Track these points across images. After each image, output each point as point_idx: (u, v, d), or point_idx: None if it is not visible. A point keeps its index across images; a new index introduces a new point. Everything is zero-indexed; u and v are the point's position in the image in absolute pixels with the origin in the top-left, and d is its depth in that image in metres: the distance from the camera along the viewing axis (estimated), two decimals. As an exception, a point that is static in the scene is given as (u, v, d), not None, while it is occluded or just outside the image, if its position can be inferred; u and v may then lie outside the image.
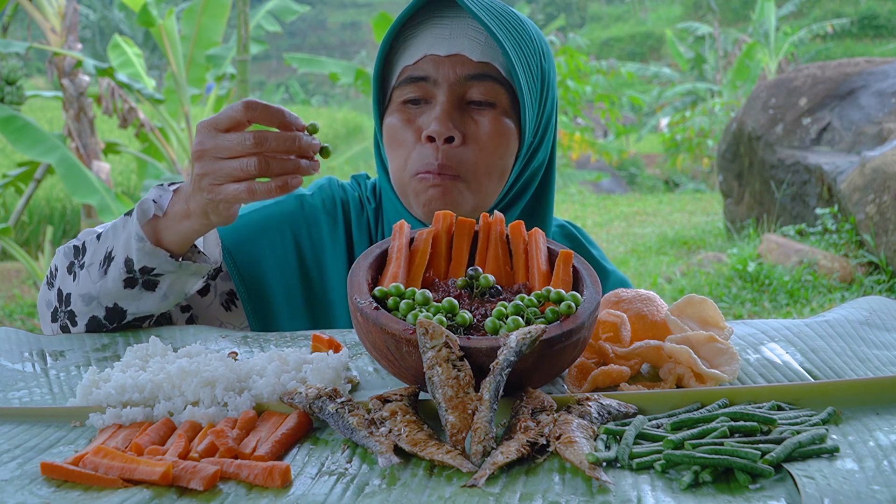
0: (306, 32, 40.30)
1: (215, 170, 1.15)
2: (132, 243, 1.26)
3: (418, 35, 1.36)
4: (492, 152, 1.36)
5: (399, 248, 1.11)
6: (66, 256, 1.35)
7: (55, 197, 10.58)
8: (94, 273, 1.30)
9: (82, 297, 1.32)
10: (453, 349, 0.94)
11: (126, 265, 1.27)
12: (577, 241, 1.56)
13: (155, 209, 1.26)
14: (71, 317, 1.34)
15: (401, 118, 1.37)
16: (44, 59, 8.45)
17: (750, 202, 8.40)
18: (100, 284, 1.30)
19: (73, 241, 1.36)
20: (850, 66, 8.23)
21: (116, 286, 1.29)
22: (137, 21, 6.70)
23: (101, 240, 1.31)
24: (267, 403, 1.02)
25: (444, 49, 1.34)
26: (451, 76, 1.34)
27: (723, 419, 0.90)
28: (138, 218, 1.26)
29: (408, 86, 1.36)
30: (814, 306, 6.13)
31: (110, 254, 1.29)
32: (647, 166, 17.66)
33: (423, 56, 1.35)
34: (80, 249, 1.34)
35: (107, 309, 1.32)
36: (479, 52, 1.34)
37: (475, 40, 1.34)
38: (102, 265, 1.30)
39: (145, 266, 1.27)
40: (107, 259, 1.30)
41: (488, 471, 0.82)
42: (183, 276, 1.31)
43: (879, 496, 0.76)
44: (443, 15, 1.36)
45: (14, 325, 7.47)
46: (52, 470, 0.88)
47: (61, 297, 1.35)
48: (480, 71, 1.34)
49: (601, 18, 37.39)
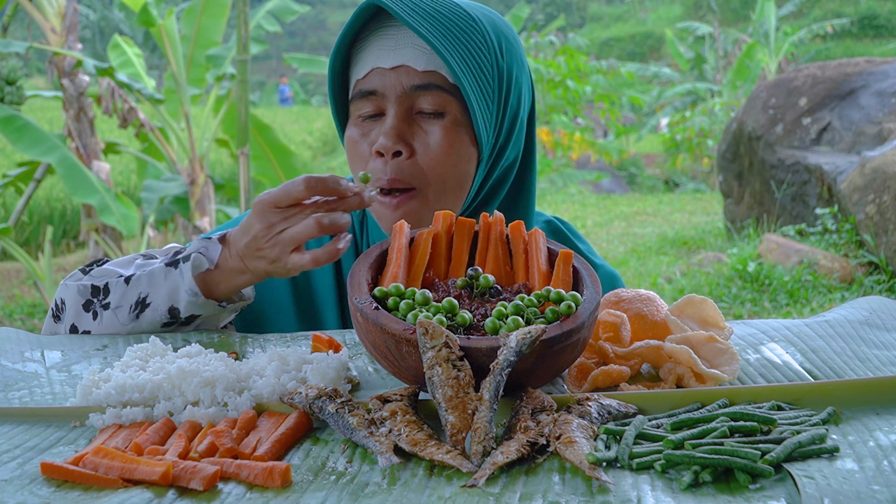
0: (306, 32, 40.29)
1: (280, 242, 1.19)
2: (181, 296, 1.28)
3: (366, 47, 1.35)
4: (444, 162, 1.33)
5: (399, 248, 1.11)
6: (82, 294, 1.34)
7: (55, 197, 10.58)
8: (122, 316, 1.32)
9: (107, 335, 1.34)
10: (453, 349, 0.94)
11: (170, 313, 1.30)
12: (563, 237, 1.55)
13: (207, 263, 1.27)
14: None
15: (357, 132, 1.37)
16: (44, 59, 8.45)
17: (750, 202, 8.40)
18: (131, 326, 1.32)
19: (88, 280, 1.35)
20: (850, 66, 8.23)
21: (152, 328, 1.32)
22: (137, 21, 6.70)
23: (132, 284, 1.32)
24: (267, 403, 1.02)
25: (389, 61, 1.32)
26: (398, 88, 1.32)
27: (723, 419, 0.90)
28: (192, 271, 1.27)
29: (360, 100, 1.35)
30: (814, 306, 6.13)
31: (145, 300, 1.31)
32: (647, 166, 17.66)
33: (371, 69, 1.33)
34: (99, 289, 1.34)
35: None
36: (423, 62, 1.32)
37: (420, 49, 1.32)
38: (134, 310, 1.31)
39: (192, 315, 1.30)
40: (140, 304, 1.31)
41: (488, 471, 0.82)
42: (222, 315, 1.35)
43: (879, 496, 0.76)
44: (388, 25, 1.34)
45: (14, 325, 7.47)
46: (52, 470, 0.88)
47: (76, 333, 1.35)
48: (426, 81, 1.32)
49: (601, 18, 37.39)
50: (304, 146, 17.08)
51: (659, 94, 19.07)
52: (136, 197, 9.65)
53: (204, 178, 6.97)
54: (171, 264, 1.29)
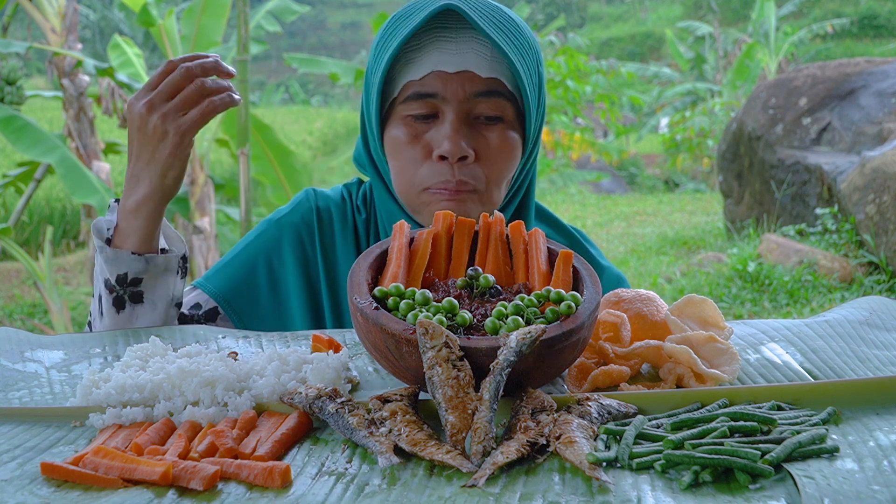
0: (306, 32, 40.30)
1: (169, 108, 1.27)
2: (99, 261, 1.34)
3: (423, 49, 1.34)
4: (502, 166, 1.38)
5: (399, 248, 1.11)
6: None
7: (55, 197, 10.58)
8: (96, 325, 1.38)
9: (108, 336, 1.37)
10: (453, 349, 0.94)
11: (107, 287, 1.34)
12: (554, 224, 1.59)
13: (106, 223, 1.34)
14: None
15: (407, 133, 1.37)
16: (44, 59, 8.44)
17: (750, 202, 8.40)
18: (99, 326, 1.37)
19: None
20: (850, 66, 8.23)
21: (112, 316, 1.35)
22: (137, 21, 6.70)
23: (94, 295, 1.40)
24: (267, 403, 1.02)
25: (451, 66, 1.33)
26: (460, 93, 1.34)
27: (723, 419, 0.90)
28: (96, 235, 1.33)
29: (413, 101, 1.35)
30: (814, 306, 6.13)
31: (98, 297, 1.37)
32: (647, 166, 17.67)
33: (429, 72, 1.33)
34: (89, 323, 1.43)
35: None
36: (486, 68, 1.33)
37: (482, 55, 1.33)
38: (98, 310, 1.37)
39: (118, 275, 1.32)
40: (98, 303, 1.37)
41: (488, 471, 0.82)
42: (159, 276, 1.35)
43: (879, 496, 0.76)
44: (446, 26, 1.34)
45: (14, 325, 7.47)
46: (52, 470, 0.88)
47: None
48: (489, 87, 1.34)
49: (601, 18, 37.39)
50: (304, 146, 17.09)
51: (659, 94, 19.08)
52: (136, 197, 9.63)
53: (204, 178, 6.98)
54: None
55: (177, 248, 1.39)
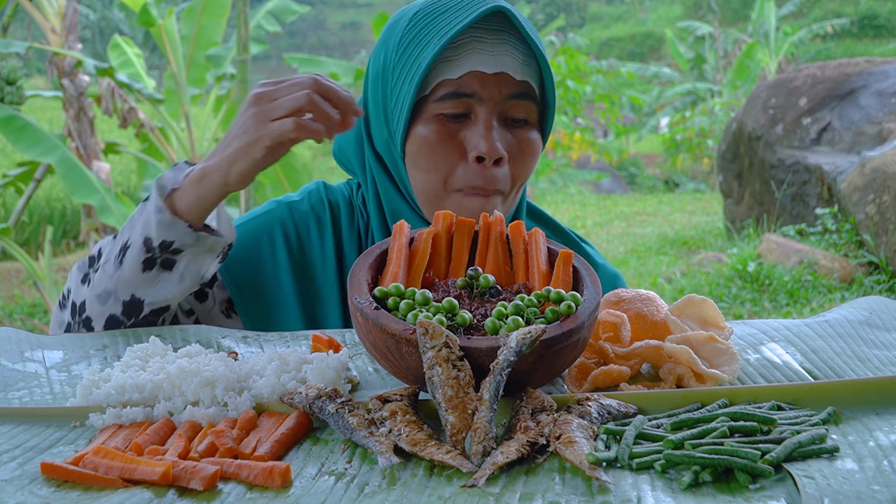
0: (306, 32, 40.30)
1: (269, 108, 1.23)
2: (151, 218, 1.28)
3: (461, 49, 1.34)
4: (528, 168, 1.41)
5: (399, 248, 1.11)
6: (80, 270, 1.38)
7: (55, 197, 10.58)
8: (109, 269, 1.33)
9: (98, 297, 1.33)
10: (453, 349, 0.94)
11: (145, 244, 1.29)
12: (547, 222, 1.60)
13: (171, 183, 1.30)
14: (87, 323, 1.36)
15: (439, 132, 1.36)
16: (44, 59, 8.45)
17: (750, 202, 8.40)
18: (116, 276, 1.32)
19: (91, 252, 1.40)
20: (850, 66, 8.23)
21: (134, 272, 1.31)
22: (137, 21, 6.70)
23: (118, 237, 1.34)
24: (267, 403, 1.02)
25: (489, 67, 1.33)
26: (496, 94, 1.35)
27: (723, 419, 0.90)
28: (158, 192, 1.29)
29: (448, 101, 1.35)
30: (814, 306, 6.13)
31: (126, 244, 1.32)
32: (647, 166, 17.67)
33: (468, 72, 1.34)
34: (95, 258, 1.38)
35: (124, 303, 1.33)
36: (519, 71, 1.35)
37: (516, 59, 1.35)
38: (118, 257, 1.32)
39: (164, 241, 1.29)
40: (122, 249, 1.32)
41: (488, 471, 0.82)
42: (200, 253, 1.32)
43: (879, 496, 0.76)
44: (484, 27, 1.35)
45: (14, 325, 7.47)
46: (52, 470, 0.88)
47: (75, 309, 1.37)
48: (521, 90, 1.36)
49: (601, 18, 37.39)
50: (304, 146, 17.08)
51: (659, 94, 19.08)
52: (136, 197, 9.65)
53: (204, 178, 6.95)
54: (146, 199, 1.33)
55: (226, 233, 1.36)
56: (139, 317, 1.34)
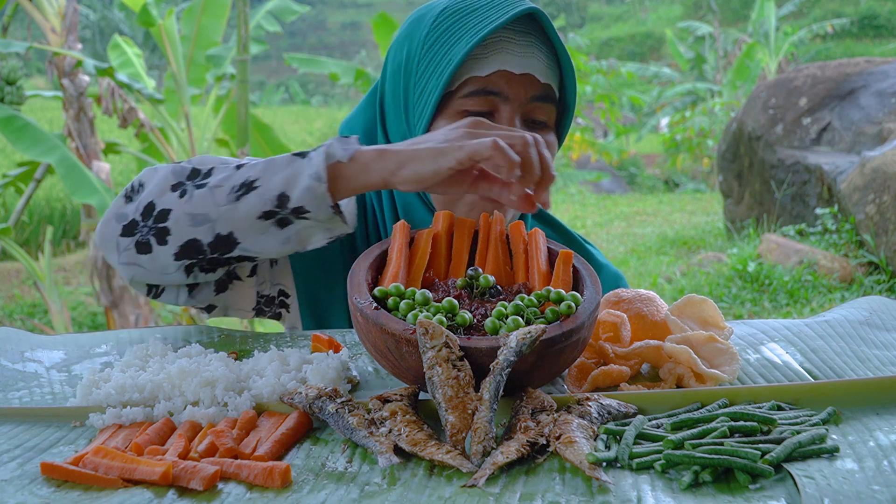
0: (306, 32, 40.32)
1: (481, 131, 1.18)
2: (301, 181, 1.21)
3: (490, 47, 1.36)
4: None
5: (399, 248, 1.11)
6: (176, 175, 1.28)
7: (55, 197, 10.58)
8: (220, 196, 1.24)
9: (192, 216, 1.24)
10: (453, 349, 0.94)
11: (279, 199, 1.22)
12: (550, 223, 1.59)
13: (342, 153, 1.22)
14: (161, 234, 1.25)
15: None
16: (44, 59, 8.45)
17: (750, 202, 8.40)
18: (226, 209, 1.23)
19: (186, 163, 1.30)
20: (850, 66, 8.23)
21: (249, 215, 1.23)
22: (137, 21, 6.69)
23: (243, 169, 1.26)
24: (267, 403, 1.02)
25: (517, 67, 1.35)
26: (522, 95, 1.36)
27: (723, 419, 0.90)
28: (325, 160, 1.22)
29: (474, 97, 1.36)
30: (814, 306, 6.13)
31: (252, 183, 1.23)
32: (647, 166, 17.66)
33: (496, 70, 1.35)
34: (199, 171, 1.28)
35: (217, 236, 1.25)
36: (544, 74, 1.37)
37: (542, 62, 1.37)
38: (236, 191, 1.24)
39: (302, 207, 1.22)
40: (245, 187, 1.23)
41: (488, 471, 0.82)
42: (319, 228, 1.27)
43: (879, 496, 0.76)
44: (514, 29, 1.37)
45: (14, 325, 7.47)
46: (52, 470, 0.88)
47: (150, 211, 1.26)
48: (544, 92, 1.38)
49: (601, 18, 37.40)
50: (304, 146, 17.09)
51: (659, 94, 19.08)
52: (136, 197, 9.63)
53: (204, 178, 6.95)
54: (299, 154, 1.25)
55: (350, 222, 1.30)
56: (223, 254, 1.27)
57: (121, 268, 1.29)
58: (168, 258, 1.26)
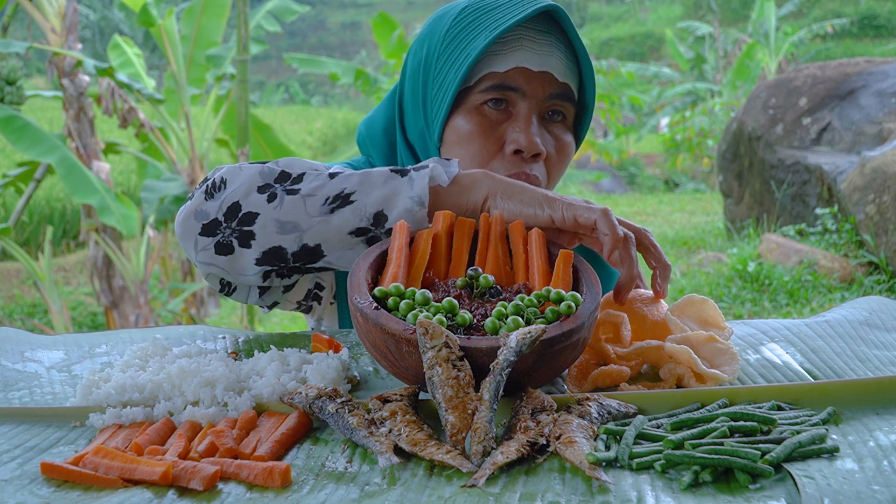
0: (306, 32, 40.33)
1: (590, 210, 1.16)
2: (400, 202, 1.18)
3: (509, 45, 1.36)
4: (563, 167, 1.42)
5: (399, 248, 1.11)
6: (263, 177, 1.23)
7: (55, 197, 10.58)
8: (313, 206, 1.20)
9: (281, 223, 1.20)
10: (453, 349, 0.94)
11: (375, 218, 1.19)
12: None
13: (446, 177, 1.21)
14: (245, 237, 1.21)
15: (479, 123, 1.37)
16: (44, 59, 8.45)
17: (750, 202, 8.40)
18: (318, 220, 1.20)
19: (273, 164, 1.25)
20: (850, 66, 8.23)
21: (341, 230, 1.20)
22: (137, 21, 6.70)
23: (337, 179, 1.22)
24: (267, 403, 1.02)
25: (535, 64, 1.36)
26: (540, 92, 1.37)
27: (723, 419, 0.90)
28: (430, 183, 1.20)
29: (493, 92, 1.36)
30: (814, 306, 6.13)
31: (348, 196, 1.19)
32: (647, 166, 17.67)
33: (514, 67, 1.36)
34: (289, 175, 1.23)
35: (303, 247, 1.21)
36: (562, 73, 1.38)
37: (561, 61, 1.38)
38: (330, 202, 1.20)
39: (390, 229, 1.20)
40: (341, 199, 1.19)
41: (488, 471, 0.82)
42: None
43: (879, 496, 0.76)
44: (533, 27, 1.37)
45: (14, 325, 7.47)
46: (52, 470, 0.88)
47: (235, 212, 1.21)
48: (562, 91, 1.38)
49: (601, 18, 37.40)
50: (304, 146, 17.09)
51: (659, 94, 19.08)
52: (136, 197, 9.65)
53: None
54: (398, 172, 1.21)
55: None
56: (305, 265, 1.24)
57: (199, 265, 1.26)
58: (249, 262, 1.23)
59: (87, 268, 6.95)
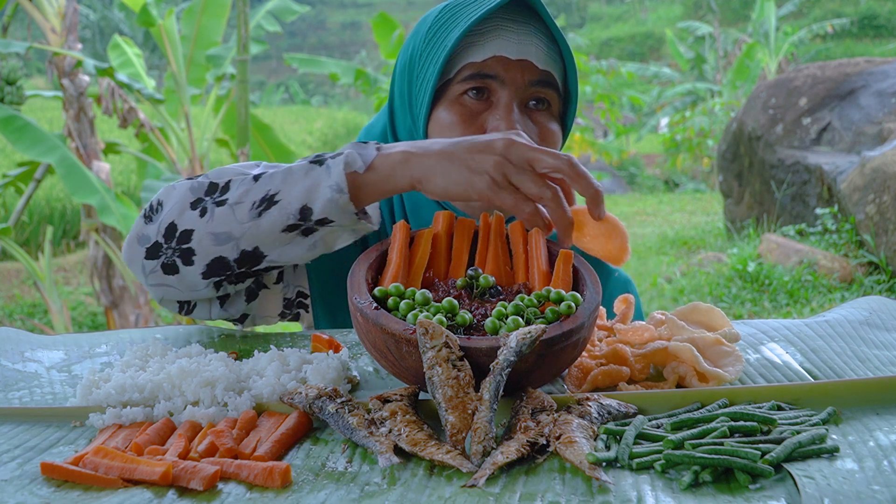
0: (306, 32, 40.33)
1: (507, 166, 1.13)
2: (321, 193, 1.19)
3: (485, 35, 1.37)
4: None
5: (399, 248, 1.11)
6: (194, 192, 1.25)
7: (55, 197, 10.58)
8: (241, 213, 1.21)
9: (215, 235, 1.22)
10: (453, 349, 0.94)
11: (301, 212, 1.20)
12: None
13: (361, 162, 1.20)
14: (186, 255, 1.24)
15: (460, 113, 1.37)
16: (44, 59, 8.45)
17: (750, 202, 8.40)
18: (248, 225, 1.21)
19: (203, 178, 1.26)
20: (850, 66, 8.23)
21: (272, 229, 1.21)
22: (137, 21, 6.69)
23: (261, 181, 1.23)
24: (267, 403, 1.02)
25: (513, 53, 1.36)
26: (519, 80, 1.36)
27: (723, 419, 0.90)
28: (345, 170, 1.19)
29: (471, 81, 1.37)
30: (814, 306, 6.13)
31: (272, 197, 1.21)
32: (647, 166, 17.68)
33: (491, 56, 1.36)
34: (217, 186, 1.25)
35: (243, 252, 1.23)
36: (542, 61, 1.38)
37: (539, 48, 1.38)
38: (257, 206, 1.21)
39: (325, 217, 1.21)
40: (266, 201, 1.21)
41: (488, 471, 0.82)
42: (346, 231, 1.26)
43: (879, 496, 0.76)
44: (508, 17, 1.38)
45: (14, 325, 7.47)
46: (52, 470, 0.88)
47: (172, 232, 1.24)
48: (543, 78, 1.38)
49: (601, 18, 37.41)
50: (304, 146, 17.09)
51: (659, 94, 19.09)
52: (136, 197, 9.65)
53: (204, 179, 6.95)
54: (316, 162, 1.21)
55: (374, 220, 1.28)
56: (251, 268, 1.26)
57: (150, 289, 1.30)
58: (196, 277, 1.26)
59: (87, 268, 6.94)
